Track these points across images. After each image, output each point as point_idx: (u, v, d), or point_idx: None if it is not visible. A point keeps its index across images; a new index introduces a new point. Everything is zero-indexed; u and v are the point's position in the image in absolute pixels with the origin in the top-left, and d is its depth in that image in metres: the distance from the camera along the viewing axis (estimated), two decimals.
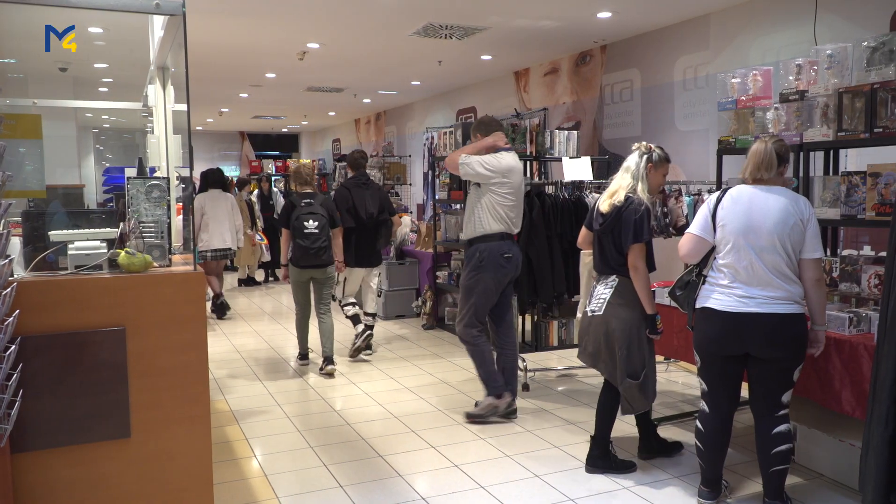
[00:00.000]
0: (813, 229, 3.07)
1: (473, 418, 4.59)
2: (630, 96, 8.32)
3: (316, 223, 5.67)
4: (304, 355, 6.22)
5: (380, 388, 5.38)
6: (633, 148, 3.74)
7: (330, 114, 16.72)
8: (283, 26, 7.76)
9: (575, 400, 5.03)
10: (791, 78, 4.20)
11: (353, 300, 6.36)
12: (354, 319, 6.31)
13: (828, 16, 5.88)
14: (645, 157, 3.67)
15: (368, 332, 6.31)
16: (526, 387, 5.27)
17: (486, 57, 9.48)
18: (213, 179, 8.34)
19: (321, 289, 5.94)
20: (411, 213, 10.61)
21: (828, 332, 3.25)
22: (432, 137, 8.58)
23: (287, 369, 6.02)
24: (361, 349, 6.28)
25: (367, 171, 6.74)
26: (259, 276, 11.47)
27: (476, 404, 4.74)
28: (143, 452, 2.78)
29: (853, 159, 5.23)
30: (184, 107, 3.39)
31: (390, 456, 4.04)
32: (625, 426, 4.19)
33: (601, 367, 3.72)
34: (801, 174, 4.06)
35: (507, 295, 4.68)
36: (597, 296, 3.72)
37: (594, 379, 5.56)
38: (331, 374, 5.77)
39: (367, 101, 14.33)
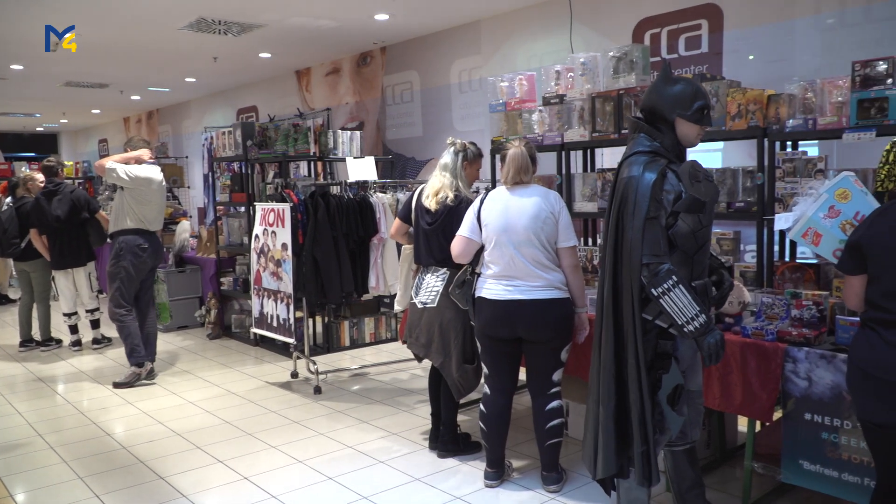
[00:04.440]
0: (564, 221, 3.35)
1: (121, 385, 5.47)
2: (411, 97, 8.55)
3: None
4: (25, 342, 6.92)
5: (161, 406, 5.02)
6: (448, 143, 3.84)
7: (94, 112, 15.35)
8: (26, 10, 6.94)
9: (368, 398, 5.06)
10: (552, 83, 4.55)
11: (70, 311, 6.74)
12: (73, 329, 6.84)
13: (581, 27, 6.48)
14: (461, 154, 3.79)
15: (79, 349, 6.86)
16: (318, 390, 5.21)
17: (265, 55, 9.22)
18: None
19: (33, 280, 6.84)
20: (191, 217, 10.01)
21: (590, 315, 3.57)
22: (211, 137, 8.13)
23: (52, 395, 5.41)
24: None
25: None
26: (14, 293, 10.17)
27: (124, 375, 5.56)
28: None
29: (608, 157, 5.81)
30: None
31: (173, 476, 3.78)
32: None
33: (433, 356, 3.79)
34: (563, 171, 4.43)
35: (149, 280, 5.73)
36: (427, 288, 3.78)
37: (386, 376, 5.64)
38: (44, 350, 6.81)
39: (136, 98, 13.34)
